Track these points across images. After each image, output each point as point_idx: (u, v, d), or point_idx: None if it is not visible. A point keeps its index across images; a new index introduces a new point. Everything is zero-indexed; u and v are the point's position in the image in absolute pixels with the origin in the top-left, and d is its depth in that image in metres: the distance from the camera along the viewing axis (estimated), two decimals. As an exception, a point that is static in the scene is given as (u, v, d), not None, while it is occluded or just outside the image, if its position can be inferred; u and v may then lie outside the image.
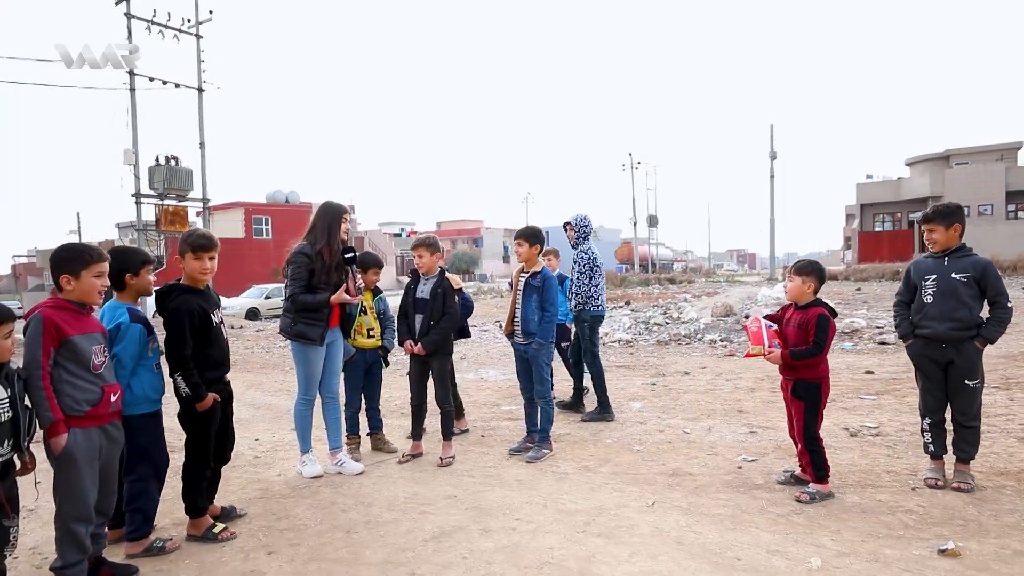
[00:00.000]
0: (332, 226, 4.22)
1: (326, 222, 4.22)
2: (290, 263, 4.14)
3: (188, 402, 3.22)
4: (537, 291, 4.66)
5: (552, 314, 4.66)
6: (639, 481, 4.04)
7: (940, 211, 3.66)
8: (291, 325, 4.17)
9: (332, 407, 4.45)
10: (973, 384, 3.57)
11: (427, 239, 4.62)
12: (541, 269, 4.71)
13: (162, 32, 21.15)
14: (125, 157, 20.31)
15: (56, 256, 2.73)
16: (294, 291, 4.10)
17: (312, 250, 4.14)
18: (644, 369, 8.39)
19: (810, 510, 3.41)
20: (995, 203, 37.06)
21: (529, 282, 4.70)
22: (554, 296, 4.67)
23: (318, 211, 4.30)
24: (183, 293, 3.27)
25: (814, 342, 3.51)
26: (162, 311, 3.26)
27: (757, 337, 3.61)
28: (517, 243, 4.77)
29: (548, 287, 4.66)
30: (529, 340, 4.68)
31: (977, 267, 3.55)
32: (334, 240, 4.22)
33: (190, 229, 3.14)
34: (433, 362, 4.58)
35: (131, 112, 20.20)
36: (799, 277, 3.63)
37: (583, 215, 5.76)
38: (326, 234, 4.19)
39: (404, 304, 4.62)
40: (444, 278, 4.61)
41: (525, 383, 4.87)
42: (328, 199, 4.37)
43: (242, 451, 5.12)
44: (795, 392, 3.63)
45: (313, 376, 4.27)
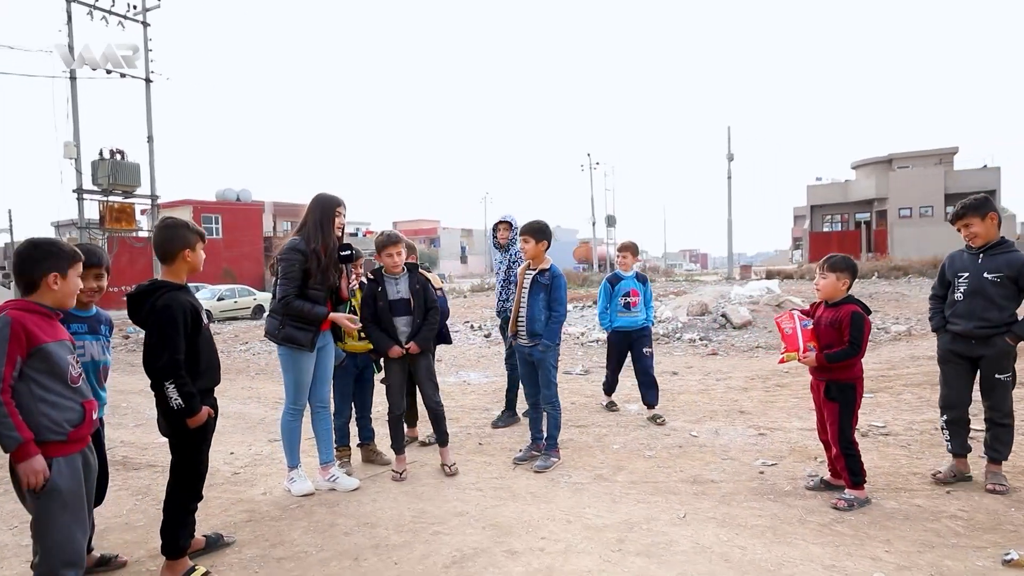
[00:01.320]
0: (325, 221, 3.84)
1: (318, 217, 3.84)
2: (282, 261, 3.74)
3: (179, 416, 2.80)
4: (545, 289, 4.37)
5: (560, 314, 4.38)
6: (661, 490, 3.80)
7: (970, 204, 3.49)
8: (279, 328, 3.77)
9: (323, 417, 4.06)
10: (1004, 379, 3.47)
11: (399, 236, 4.22)
12: (550, 266, 4.41)
13: (106, 18, 19.92)
14: (65, 150, 19.04)
15: (40, 251, 2.31)
16: (287, 293, 3.70)
17: (306, 247, 3.75)
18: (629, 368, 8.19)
19: (851, 518, 3.24)
20: (935, 205, 38.77)
21: (537, 279, 4.40)
22: (562, 295, 4.39)
23: (310, 205, 3.90)
24: (172, 290, 2.85)
25: (850, 342, 3.34)
26: (142, 312, 2.83)
27: (791, 340, 3.41)
28: (523, 239, 4.46)
29: (557, 285, 4.37)
30: (535, 342, 4.39)
31: (1013, 265, 3.39)
32: (329, 236, 3.84)
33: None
34: (420, 361, 4.25)
35: (72, 102, 18.94)
36: (833, 273, 3.45)
37: (515, 215, 5.62)
38: (319, 230, 3.80)
39: (373, 310, 4.13)
40: (417, 272, 4.29)
41: (530, 388, 4.58)
42: (320, 191, 3.96)
43: (217, 467, 4.67)
44: (828, 394, 3.45)
45: (303, 384, 3.88)
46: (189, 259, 2.93)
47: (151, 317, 2.79)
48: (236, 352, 12.15)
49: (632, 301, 5.56)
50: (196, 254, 2.97)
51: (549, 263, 4.44)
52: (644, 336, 5.62)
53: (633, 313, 5.57)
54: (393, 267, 4.16)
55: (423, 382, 4.28)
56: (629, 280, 5.62)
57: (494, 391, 7.10)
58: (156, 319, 2.77)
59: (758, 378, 7.20)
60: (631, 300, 5.56)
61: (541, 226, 4.44)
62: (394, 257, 4.14)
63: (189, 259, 2.93)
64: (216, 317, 21.76)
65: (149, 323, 2.79)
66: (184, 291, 2.91)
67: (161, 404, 2.83)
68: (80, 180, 19.49)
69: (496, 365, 8.88)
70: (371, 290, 4.18)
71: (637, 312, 5.58)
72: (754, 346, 9.42)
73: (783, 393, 6.33)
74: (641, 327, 5.61)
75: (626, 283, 5.60)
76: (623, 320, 5.59)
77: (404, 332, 4.17)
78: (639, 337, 5.60)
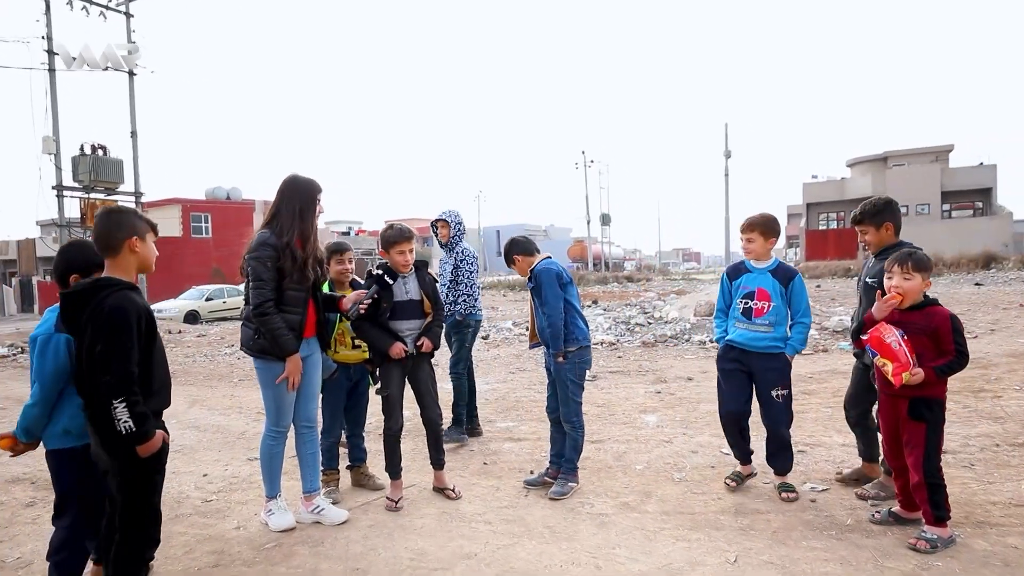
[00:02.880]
0: (304, 210, 3.28)
1: (297, 205, 3.27)
2: (251, 259, 3.17)
3: (128, 443, 2.24)
4: (536, 293, 3.86)
5: (549, 316, 3.74)
6: (701, 524, 3.27)
7: (868, 211, 3.44)
8: (253, 338, 3.21)
9: (309, 439, 3.51)
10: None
11: (411, 231, 3.70)
12: (534, 265, 3.87)
13: (86, 8, 19.28)
14: (44, 145, 18.36)
15: None
16: (263, 299, 3.13)
17: (278, 241, 3.18)
18: (640, 375, 7.69)
19: (938, 564, 2.71)
20: (931, 203, 38.56)
21: (529, 286, 3.93)
22: (547, 293, 3.75)
23: (282, 189, 3.31)
24: (123, 288, 2.30)
25: (958, 351, 2.84)
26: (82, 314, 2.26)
27: (898, 355, 2.86)
28: (510, 264, 4.05)
29: (541, 284, 3.77)
30: (550, 351, 3.88)
31: None
32: (308, 228, 3.28)
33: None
34: (423, 367, 3.74)
35: (51, 95, 18.28)
36: (919, 273, 2.91)
37: (457, 211, 5.08)
38: (296, 221, 3.24)
39: (373, 311, 3.58)
40: (426, 270, 3.80)
41: (551, 402, 4.00)
42: (294, 173, 3.38)
43: (187, 493, 4.10)
44: (914, 413, 2.91)
45: (285, 402, 3.32)
46: (138, 250, 2.39)
47: (96, 321, 2.22)
48: (220, 356, 11.53)
49: (757, 308, 3.56)
50: (146, 246, 2.42)
51: (535, 264, 3.89)
52: (774, 369, 3.57)
53: (757, 326, 3.57)
54: (403, 265, 3.64)
55: (424, 392, 3.75)
56: (758, 275, 3.62)
57: (497, 399, 6.55)
58: (105, 323, 2.22)
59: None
60: (755, 305, 3.58)
61: (506, 248, 4.02)
62: (405, 255, 3.63)
63: (138, 250, 2.39)
64: (204, 318, 21.09)
65: (94, 328, 2.23)
66: (136, 292, 2.35)
67: (102, 429, 2.27)
68: (60, 176, 18.80)
69: (498, 370, 8.34)
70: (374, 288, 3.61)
71: (764, 325, 3.55)
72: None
73: (812, 402, 5.81)
74: (769, 350, 3.56)
75: (751, 279, 3.64)
76: (740, 334, 3.63)
77: (411, 336, 3.66)
78: (766, 369, 3.58)
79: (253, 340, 3.21)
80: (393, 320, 3.62)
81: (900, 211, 3.50)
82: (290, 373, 3.24)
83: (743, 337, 3.63)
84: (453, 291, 4.92)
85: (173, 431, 5.84)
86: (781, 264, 3.65)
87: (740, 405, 3.69)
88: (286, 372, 3.23)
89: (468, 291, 4.93)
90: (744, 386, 3.67)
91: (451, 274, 4.92)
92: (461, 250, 5.00)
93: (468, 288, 4.93)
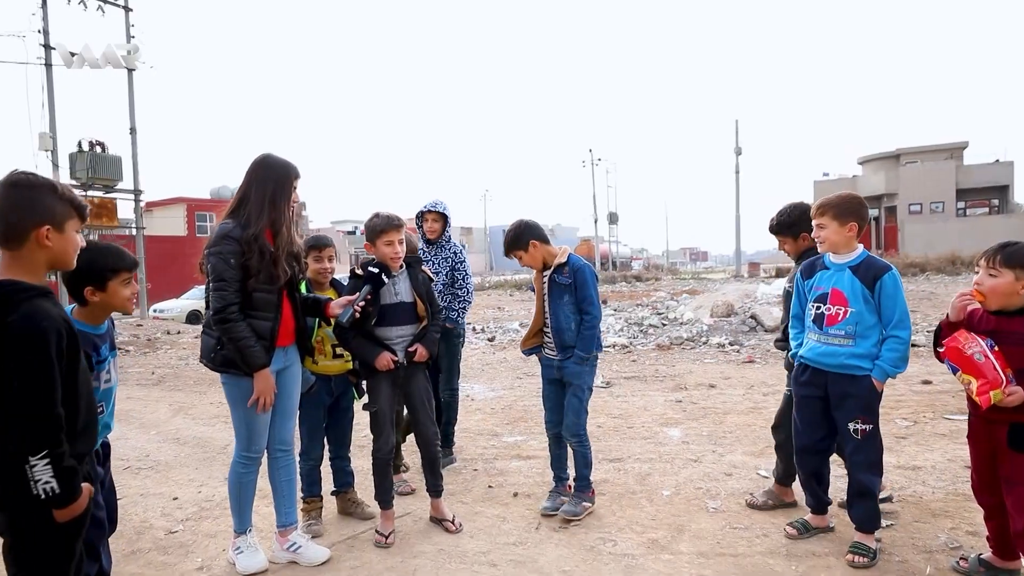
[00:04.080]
0: (277, 196, 2.77)
1: (270, 190, 2.76)
2: (211, 255, 2.66)
3: (47, 506, 1.68)
4: (568, 289, 3.36)
5: (594, 316, 3.35)
6: (748, 570, 2.74)
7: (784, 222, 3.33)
8: (215, 349, 2.70)
9: (284, 465, 3.00)
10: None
11: (400, 220, 3.16)
12: (567, 259, 3.38)
13: (84, 3, 18.84)
14: (40, 141, 17.91)
15: None
16: (226, 303, 2.62)
17: (243, 233, 2.67)
18: (658, 380, 7.15)
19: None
20: (946, 201, 37.72)
21: (555, 280, 3.38)
22: (591, 292, 3.35)
23: (251, 172, 2.80)
24: (34, 296, 1.71)
25: None
26: None
27: (976, 367, 2.32)
28: (516, 256, 3.50)
29: (582, 280, 3.34)
30: (568, 354, 3.37)
31: None
32: (280, 217, 2.77)
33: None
34: (418, 378, 3.24)
35: (47, 90, 17.83)
36: (1011, 270, 2.36)
37: (444, 202, 4.36)
38: (266, 208, 2.73)
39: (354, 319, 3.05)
40: (420, 268, 3.29)
41: (551, 414, 3.54)
42: (267, 152, 2.86)
43: (151, 520, 3.61)
44: (1017, 442, 2.36)
45: (258, 424, 2.81)
46: (50, 243, 1.75)
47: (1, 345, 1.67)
48: (215, 358, 11.05)
49: (831, 314, 2.80)
50: (64, 237, 1.79)
51: (566, 255, 3.40)
52: (853, 395, 2.76)
53: (831, 337, 2.79)
54: (392, 260, 3.11)
55: (418, 407, 3.24)
56: (835, 272, 2.83)
57: (504, 408, 6.03)
58: (15, 348, 1.63)
59: (812, 392, 6.14)
60: (828, 311, 2.81)
61: (518, 232, 3.43)
62: (395, 247, 3.09)
63: (50, 243, 1.75)
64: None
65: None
66: (51, 299, 1.80)
67: (6, 488, 1.72)
68: (57, 174, 18.35)
69: (504, 375, 7.81)
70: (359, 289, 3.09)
71: (840, 336, 2.76)
72: (794, 352, 8.34)
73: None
74: (846, 370, 2.76)
75: (825, 277, 2.87)
76: (811, 348, 2.87)
77: (402, 344, 3.14)
78: (843, 395, 2.78)
79: (215, 351, 2.70)
80: (381, 327, 3.10)
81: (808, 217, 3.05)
82: (261, 392, 2.74)
83: (815, 352, 2.85)
84: (449, 295, 4.29)
85: (152, 444, 5.39)
86: (868, 258, 2.80)
87: (815, 440, 2.94)
88: (256, 392, 2.73)
89: (467, 295, 4.33)
90: (820, 416, 2.90)
91: (447, 275, 4.32)
92: (456, 248, 4.38)
93: (467, 292, 4.33)
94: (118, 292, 2.17)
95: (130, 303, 2.23)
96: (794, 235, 3.29)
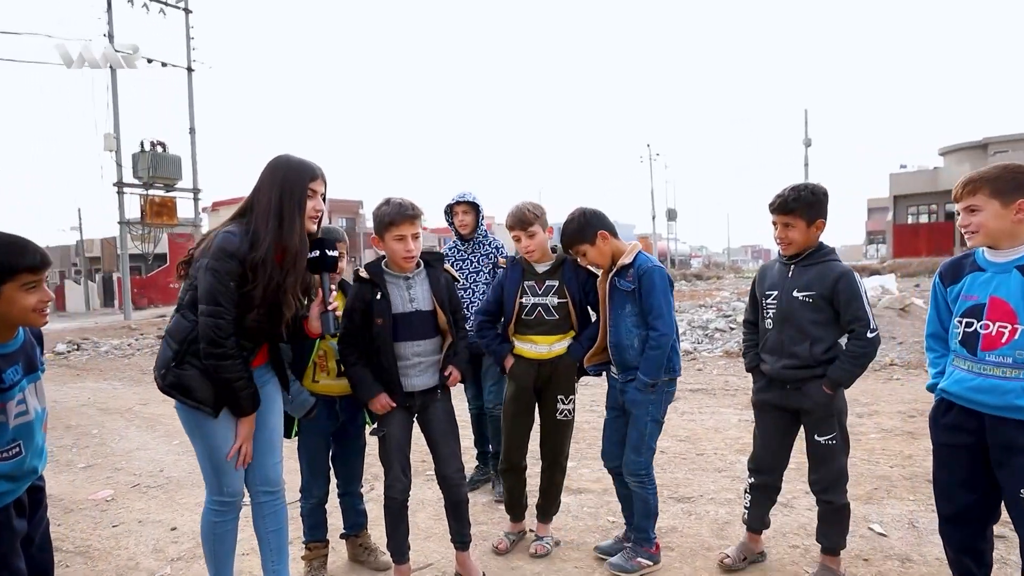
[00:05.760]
0: (288, 204, 2.17)
1: (277, 196, 2.17)
2: (208, 270, 2.08)
3: None
4: (631, 297, 2.68)
5: (662, 333, 2.63)
6: None
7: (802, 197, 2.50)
8: (170, 366, 2.14)
9: (271, 511, 2.41)
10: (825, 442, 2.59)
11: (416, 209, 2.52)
12: (633, 260, 2.68)
13: (146, 6, 19.28)
14: (106, 142, 18.45)
15: None
16: (223, 334, 2.07)
17: (250, 253, 2.10)
18: (728, 394, 6.30)
19: None
20: (1042, 194, 34.56)
21: (616, 283, 2.71)
22: (658, 301, 2.64)
23: (264, 176, 2.22)
24: None
25: None
26: None
27: None
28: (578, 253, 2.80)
29: (648, 287, 2.64)
30: (630, 376, 2.70)
31: (826, 280, 2.48)
32: (291, 234, 2.16)
33: None
34: (439, 404, 2.63)
35: (112, 92, 18.33)
36: None
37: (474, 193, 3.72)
38: (276, 221, 2.14)
39: (361, 330, 2.51)
40: (441, 267, 2.65)
41: (609, 446, 2.92)
42: (284, 154, 2.25)
43: (139, 558, 3.13)
44: None
45: (223, 464, 2.24)
46: None
47: None
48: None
49: (992, 333, 1.96)
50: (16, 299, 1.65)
51: (634, 253, 2.70)
52: None
53: (991, 366, 1.95)
54: (405, 259, 2.50)
55: (439, 439, 2.64)
56: (994, 275, 2.00)
57: (551, 425, 5.34)
58: None
59: (917, 413, 5.18)
60: (985, 329, 1.98)
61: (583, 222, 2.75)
62: (407, 242, 2.48)
63: None
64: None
65: None
66: None
67: None
68: (120, 173, 18.85)
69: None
70: (361, 298, 2.51)
71: (1007, 366, 1.92)
72: (887, 362, 7.30)
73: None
74: (1016, 414, 1.91)
75: (979, 282, 2.03)
76: (958, 380, 2.05)
77: (421, 366, 2.53)
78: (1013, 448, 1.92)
79: (169, 368, 2.13)
80: (394, 341, 2.49)
81: None
82: (244, 439, 2.22)
83: (964, 386, 2.02)
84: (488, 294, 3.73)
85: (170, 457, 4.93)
86: None
87: (967, 505, 2.09)
88: (239, 439, 2.21)
89: None
90: (972, 474, 2.06)
91: (489, 274, 3.73)
92: (497, 243, 3.80)
93: None
94: (16, 299, 1.63)
95: (38, 315, 1.68)
96: (810, 219, 2.50)
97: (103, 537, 3.41)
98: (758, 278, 2.76)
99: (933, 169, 41.83)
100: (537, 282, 2.89)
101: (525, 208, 2.85)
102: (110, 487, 4.26)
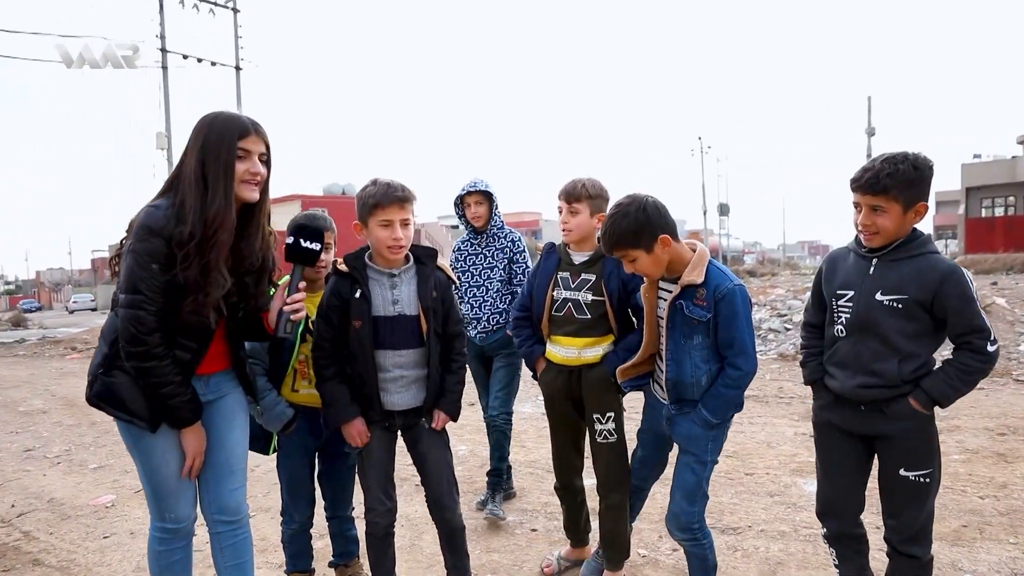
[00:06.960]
0: (212, 167, 1.81)
1: (200, 159, 1.81)
2: (130, 251, 1.76)
3: None
4: (703, 328, 2.10)
5: (744, 372, 2.09)
6: None
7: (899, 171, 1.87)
8: (99, 373, 1.82)
9: (231, 543, 2.06)
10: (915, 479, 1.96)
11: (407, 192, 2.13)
12: (704, 280, 2.07)
13: (196, 6, 19.63)
14: (157, 141, 18.90)
15: None
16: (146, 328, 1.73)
17: (173, 226, 1.76)
18: (783, 403, 5.71)
19: None
20: None
21: (681, 307, 2.11)
22: (742, 335, 2.07)
23: (190, 138, 1.87)
24: None
25: None
26: None
27: None
28: (622, 256, 2.14)
29: (731, 315, 2.06)
30: (684, 408, 2.20)
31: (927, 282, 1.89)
32: (216, 202, 1.80)
33: None
34: (430, 436, 2.25)
35: (163, 91, 18.71)
36: None
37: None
38: (202, 189, 1.80)
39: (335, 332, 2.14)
40: (435, 265, 2.24)
41: (640, 466, 2.52)
42: (212, 111, 1.89)
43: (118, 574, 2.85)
44: None
45: (167, 482, 1.91)
46: None
47: None
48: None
49: None
50: None
51: (701, 271, 2.08)
52: None
53: None
54: (390, 248, 2.12)
55: (430, 467, 2.25)
56: None
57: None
58: None
59: (1009, 430, 4.50)
60: None
61: (642, 220, 2.06)
62: (395, 229, 2.09)
63: None
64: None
65: None
66: None
67: None
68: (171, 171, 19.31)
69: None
70: (338, 294, 2.15)
71: None
72: (966, 370, 6.53)
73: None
74: None
75: None
76: None
77: (403, 380, 2.14)
78: None
79: (97, 376, 1.81)
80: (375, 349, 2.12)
81: None
82: (194, 455, 1.90)
83: None
84: (508, 295, 3.34)
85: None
86: None
87: None
88: (189, 456, 1.90)
89: None
90: None
91: (504, 270, 3.33)
92: (513, 236, 3.40)
93: None
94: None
95: None
96: (908, 202, 1.89)
97: (89, 551, 3.18)
98: (825, 272, 2.15)
99: (1011, 159, 38.99)
100: (572, 274, 2.47)
101: (580, 181, 2.46)
102: (114, 491, 4.07)
